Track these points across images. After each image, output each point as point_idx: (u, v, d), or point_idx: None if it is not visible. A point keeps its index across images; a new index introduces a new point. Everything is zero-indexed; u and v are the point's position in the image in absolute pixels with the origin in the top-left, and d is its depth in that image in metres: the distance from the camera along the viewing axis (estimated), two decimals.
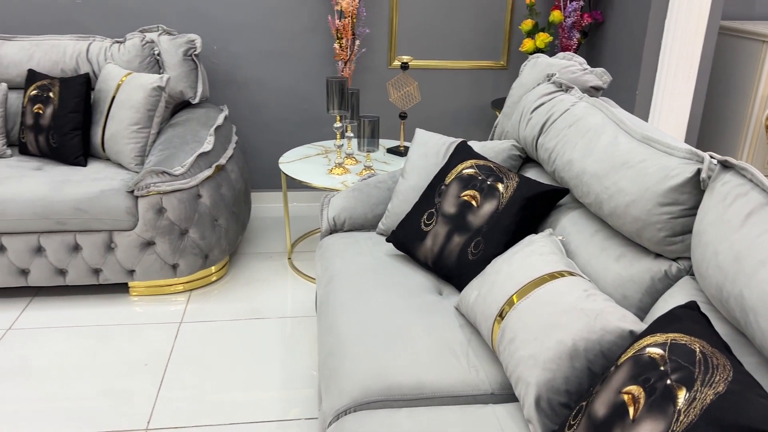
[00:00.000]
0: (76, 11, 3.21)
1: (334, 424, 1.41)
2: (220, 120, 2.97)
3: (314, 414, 2.08)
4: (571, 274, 1.49)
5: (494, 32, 3.53)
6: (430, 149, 2.19)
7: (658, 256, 1.50)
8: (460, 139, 2.14)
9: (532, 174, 2.10)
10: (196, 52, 3.05)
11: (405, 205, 2.12)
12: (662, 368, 1.03)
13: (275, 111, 3.52)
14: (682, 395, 0.97)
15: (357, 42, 3.28)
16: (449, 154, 2.12)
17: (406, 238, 1.98)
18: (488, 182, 1.88)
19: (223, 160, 2.80)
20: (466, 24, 3.48)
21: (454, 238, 1.87)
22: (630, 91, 3.15)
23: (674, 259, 1.47)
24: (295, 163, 2.90)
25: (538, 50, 3.32)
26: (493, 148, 2.14)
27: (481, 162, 1.96)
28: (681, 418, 0.94)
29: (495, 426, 1.35)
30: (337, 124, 2.79)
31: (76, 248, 2.58)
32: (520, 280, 1.51)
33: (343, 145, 2.85)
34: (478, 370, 1.52)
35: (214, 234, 2.70)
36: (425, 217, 1.96)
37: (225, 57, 3.40)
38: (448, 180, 1.97)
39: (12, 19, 3.17)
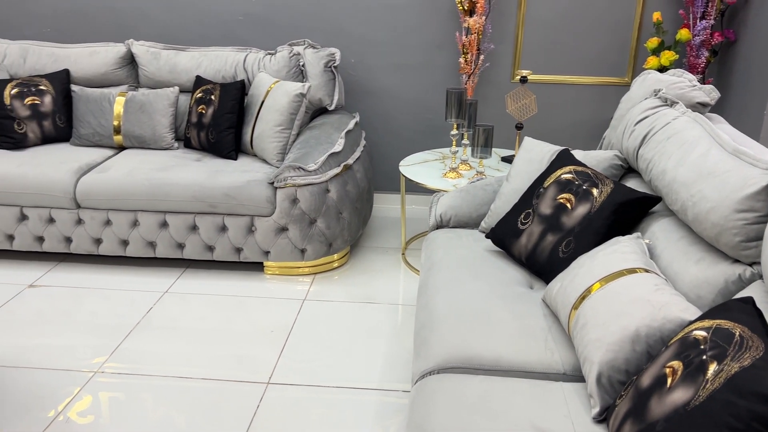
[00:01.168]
0: (238, 27, 3.71)
1: (419, 382, 1.64)
2: (351, 125, 3.30)
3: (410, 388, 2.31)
4: (646, 271, 1.61)
5: (620, 49, 3.59)
6: (534, 156, 2.35)
7: (735, 261, 1.58)
8: (563, 147, 2.28)
9: (632, 183, 2.20)
10: (335, 64, 3.42)
11: (506, 206, 2.30)
12: (702, 347, 1.15)
13: (402, 119, 3.81)
14: (712, 368, 1.09)
15: (481, 57, 3.49)
16: (552, 160, 2.27)
17: (503, 235, 2.17)
18: (584, 187, 2.02)
19: (350, 161, 3.13)
20: (592, 41, 3.58)
21: (548, 236, 2.03)
22: (759, 112, 3.08)
23: (750, 264, 1.54)
24: (413, 166, 3.16)
25: (662, 68, 3.34)
26: (595, 157, 2.26)
27: (579, 168, 2.10)
28: (707, 385, 1.06)
29: (560, 397, 1.50)
30: (454, 132, 3.01)
31: (224, 229, 3.01)
32: (598, 274, 1.65)
33: (458, 151, 3.07)
34: (553, 352, 1.68)
35: (338, 225, 3.03)
36: (522, 216, 2.13)
37: (361, 69, 3.75)
38: (546, 183, 2.13)
39: (186, 34, 3.73)
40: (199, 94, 3.30)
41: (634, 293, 1.51)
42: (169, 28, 3.74)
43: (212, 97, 3.25)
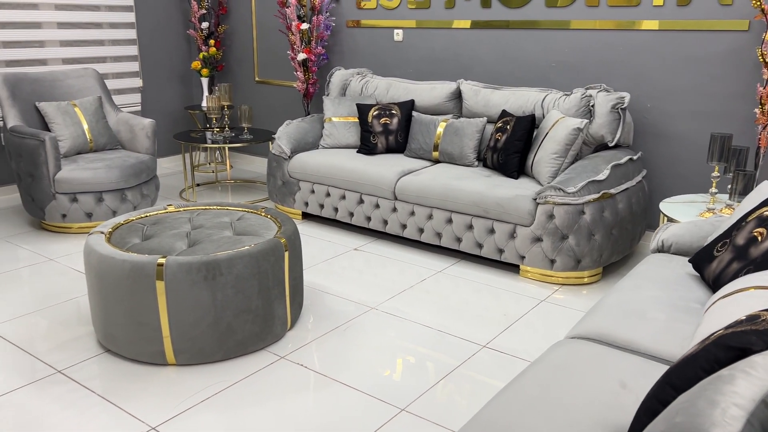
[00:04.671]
0: (550, 72, 4.35)
1: (560, 341, 2.06)
2: (623, 160, 3.64)
3: None
4: None
5: None
6: (765, 196, 2.44)
7: None
8: None
9: None
10: (622, 107, 3.79)
11: None
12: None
13: (690, 164, 3.92)
14: (717, 333, 1.35)
15: None
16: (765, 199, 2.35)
17: (700, 260, 2.36)
18: None
19: (612, 191, 3.48)
20: None
21: (733, 264, 2.17)
22: None
23: None
24: (677, 204, 3.34)
25: None
26: None
27: None
28: (706, 342, 1.34)
29: (654, 375, 1.77)
30: (715, 174, 3.12)
31: (492, 231, 3.68)
32: (735, 288, 1.84)
33: (716, 192, 3.15)
34: (682, 347, 1.91)
35: (588, 245, 3.42)
36: (719, 244, 2.30)
37: (655, 113, 4.00)
38: (750, 218, 2.26)
39: (506, 76, 4.53)
40: (499, 124, 4.05)
41: (744, 303, 1.69)
42: (495, 71, 4.58)
43: (508, 126, 3.95)
